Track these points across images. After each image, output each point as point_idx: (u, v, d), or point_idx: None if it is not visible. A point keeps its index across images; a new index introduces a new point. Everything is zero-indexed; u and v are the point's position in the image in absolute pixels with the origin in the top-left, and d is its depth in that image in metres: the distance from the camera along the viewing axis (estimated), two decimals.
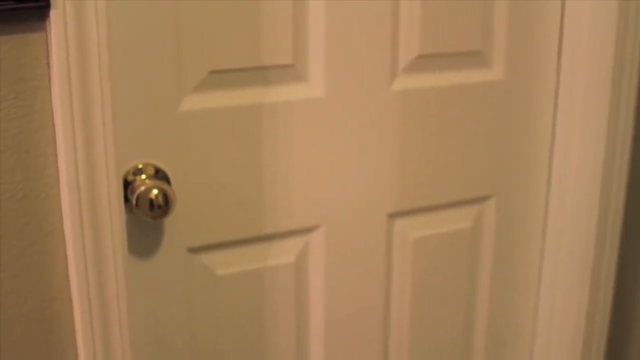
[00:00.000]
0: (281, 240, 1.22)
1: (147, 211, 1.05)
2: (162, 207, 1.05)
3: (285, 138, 1.17)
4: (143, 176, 1.09)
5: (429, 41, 1.23)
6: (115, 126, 1.01)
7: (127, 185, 1.08)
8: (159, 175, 1.10)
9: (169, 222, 1.12)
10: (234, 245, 1.19)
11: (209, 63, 1.09)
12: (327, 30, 1.15)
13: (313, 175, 1.20)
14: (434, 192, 1.31)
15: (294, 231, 1.22)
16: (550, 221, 1.42)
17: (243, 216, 1.17)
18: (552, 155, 1.39)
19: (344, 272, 1.28)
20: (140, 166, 1.09)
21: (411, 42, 1.22)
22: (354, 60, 1.18)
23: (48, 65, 0.93)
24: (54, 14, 0.89)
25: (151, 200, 1.05)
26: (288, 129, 1.16)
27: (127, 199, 1.07)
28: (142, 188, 1.05)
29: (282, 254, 1.23)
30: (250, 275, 1.21)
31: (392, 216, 1.29)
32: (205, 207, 1.14)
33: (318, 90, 1.17)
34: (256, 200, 1.17)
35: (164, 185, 1.06)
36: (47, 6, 0.89)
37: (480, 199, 1.37)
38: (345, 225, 1.25)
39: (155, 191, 1.05)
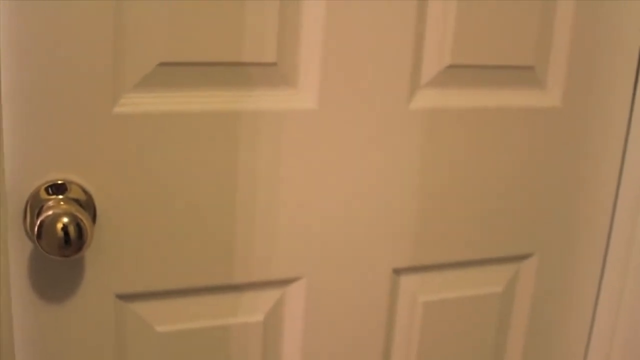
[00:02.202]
0: (247, 293, 0.93)
1: (52, 245, 0.77)
2: (71, 243, 0.77)
3: (260, 159, 0.88)
4: (60, 197, 0.81)
5: (464, 48, 0.93)
6: (14, 125, 0.75)
7: (40, 206, 0.81)
8: (87, 196, 0.82)
9: (90, 258, 0.84)
10: (180, 296, 0.90)
11: (158, 52, 0.81)
12: (326, 19, 0.86)
13: (295, 210, 0.91)
14: (457, 246, 1.01)
15: (265, 282, 0.93)
16: (604, 293, 1.11)
17: (195, 259, 0.88)
18: (615, 209, 1.08)
19: (330, 338, 0.98)
20: (59, 182, 0.81)
21: (440, 47, 0.92)
22: (360, 63, 0.88)
23: None
24: None
25: (56, 232, 0.77)
26: (265, 146, 0.88)
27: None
28: (49, 213, 0.77)
29: (247, 310, 0.94)
30: (200, 336, 0.92)
31: (399, 272, 0.99)
32: (143, 243, 0.86)
33: (309, 99, 0.88)
34: (215, 240, 0.89)
35: (79, 212, 0.78)
36: None
37: (517, 258, 1.06)
38: (335, 279, 0.96)
39: (65, 219, 0.77)
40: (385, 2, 0.87)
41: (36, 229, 0.77)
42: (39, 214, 0.79)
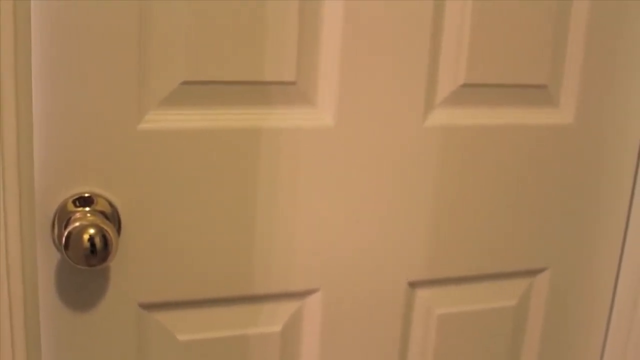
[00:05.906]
0: (265, 304, 0.96)
1: (79, 255, 0.81)
2: (97, 253, 0.80)
3: (279, 175, 0.91)
4: (87, 209, 0.85)
5: (479, 67, 0.95)
6: (44, 140, 0.78)
7: (68, 218, 0.84)
8: (113, 209, 0.86)
9: (115, 269, 0.87)
10: (201, 306, 0.93)
11: (181, 71, 0.84)
12: (344, 40, 0.89)
13: (313, 224, 0.94)
14: (471, 260, 1.03)
15: (283, 294, 0.96)
16: (617, 307, 1.12)
17: (216, 270, 0.91)
18: (629, 224, 1.10)
19: (346, 350, 1.01)
20: (86, 195, 0.85)
21: (455, 66, 0.95)
22: (376, 82, 0.91)
23: None
24: None
25: (83, 243, 0.80)
26: (284, 163, 0.91)
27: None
28: (76, 224, 0.81)
29: (266, 320, 0.96)
30: (220, 345, 0.95)
31: (414, 285, 1.02)
32: (166, 254, 0.89)
33: (326, 117, 0.91)
34: (236, 252, 0.92)
35: (104, 224, 0.81)
36: None
37: (531, 272, 1.08)
38: (351, 292, 0.98)
39: (91, 230, 0.80)
40: (401, 22, 0.90)
41: (64, 239, 0.80)
42: (66, 225, 0.82)
